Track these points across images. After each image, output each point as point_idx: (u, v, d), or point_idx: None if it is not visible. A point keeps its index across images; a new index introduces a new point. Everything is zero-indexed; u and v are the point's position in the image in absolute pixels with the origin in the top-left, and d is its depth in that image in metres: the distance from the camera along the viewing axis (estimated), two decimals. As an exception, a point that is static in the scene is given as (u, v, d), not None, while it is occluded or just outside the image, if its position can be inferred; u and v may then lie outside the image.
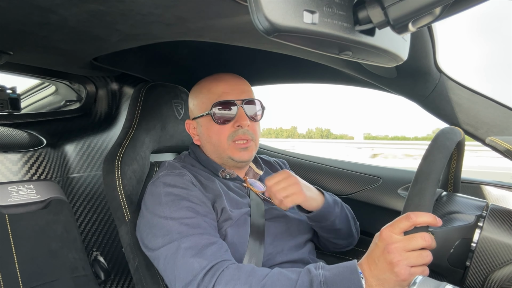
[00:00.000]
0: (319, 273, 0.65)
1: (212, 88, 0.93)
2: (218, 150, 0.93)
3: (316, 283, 0.64)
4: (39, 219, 1.03)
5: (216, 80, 0.94)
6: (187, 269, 0.71)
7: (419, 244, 0.59)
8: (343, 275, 0.63)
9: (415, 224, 0.59)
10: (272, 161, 1.15)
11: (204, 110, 0.93)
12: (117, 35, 0.78)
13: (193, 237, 0.75)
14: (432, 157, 0.63)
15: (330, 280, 0.63)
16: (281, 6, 0.37)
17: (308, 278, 0.65)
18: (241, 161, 0.94)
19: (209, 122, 0.92)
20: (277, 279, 0.67)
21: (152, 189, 0.85)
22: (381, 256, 0.61)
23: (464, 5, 0.39)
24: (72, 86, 1.41)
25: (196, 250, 0.73)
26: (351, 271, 0.63)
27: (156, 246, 0.78)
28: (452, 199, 0.75)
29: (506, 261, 0.62)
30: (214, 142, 0.93)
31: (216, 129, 0.92)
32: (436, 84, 0.90)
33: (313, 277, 0.65)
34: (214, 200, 0.86)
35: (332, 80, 1.23)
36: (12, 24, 0.71)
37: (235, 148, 0.91)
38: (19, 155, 1.11)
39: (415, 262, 0.59)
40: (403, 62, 0.56)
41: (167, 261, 0.75)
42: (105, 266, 1.20)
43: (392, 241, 0.60)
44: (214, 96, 0.91)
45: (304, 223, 0.99)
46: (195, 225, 0.77)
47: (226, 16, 0.63)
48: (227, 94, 0.91)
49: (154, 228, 0.80)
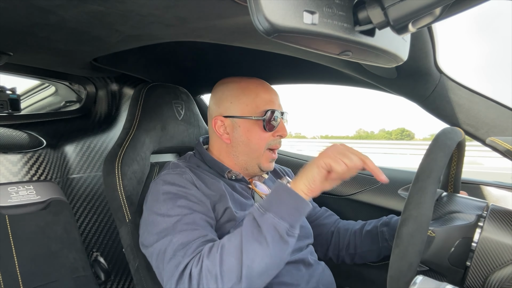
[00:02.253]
0: (255, 205, 0.73)
1: (260, 93, 0.94)
2: (253, 154, 0.94)
3: (256, 212, 0.71)
4: (39, 220, 1.03)
5: (261, 86, 0.95)
6: (174, 262, 0.73)
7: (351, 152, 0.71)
8: (273, 192, 0.73)
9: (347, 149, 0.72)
10: (278, 168, 1.16)
11: (248, 112, 0.92)
12: (117, 36, 0.78)
13: (185, 233, 0.76)
14: (434, 155, 0.63)
15: (265, 202, 0.72)
16: (281, 6, 0.37)
17: (249, 216, 0.72)
18: (267, 171, 0.99)
19: (253, 125, 0.92)
20: (229, 236, 0.73)
21: (153, 187, 0.86)
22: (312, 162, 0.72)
23: (464, 5, 0.39)
24: (72, 87, 1.41)
25: (185, 244, 0.74)
26: (277, 186, 0.73)
27: (151, 243, 0.78)
28: (453, 199, 0.75)
29: (506, 261, 0.62)
30: (253, 146, 0.93)
31: (259, 134, 0.93)
32: (436, 84, 0.90)
33: (252, 211, 0.72)
34: (218, 200, 0.86)
35: (332, 80, 1.23)
36: (12, 25, 0.71)
37: (268, 157, 0.96)
38: (19, 156, 1.10)
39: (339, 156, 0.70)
40: (403, 62, 0.56)
41: (160, 256, 0.76)
42: (105, 266, 1.20)
43: (325, 150, 0.72)
44: (263, 102, 0.93)
45: (306, 228, 0.99)
46: (190, 221, 0.78)
47: (226, 17, 0.63)
48: (273, 103, 0.94)
49: (150, 225, 0.80)
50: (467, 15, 0.74)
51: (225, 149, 0.97)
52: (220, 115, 0.95)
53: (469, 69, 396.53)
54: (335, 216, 1.14)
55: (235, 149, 0.95)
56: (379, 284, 1.20)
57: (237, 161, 0.96)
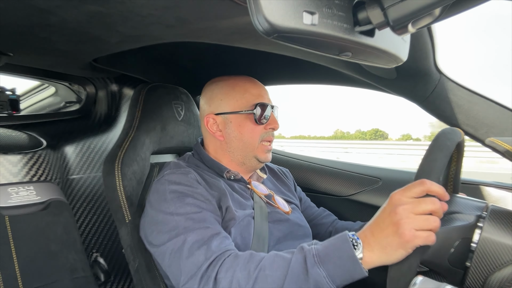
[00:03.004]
0: (311, 248, 0.66)
1: (249, 88, 0.96)
2: (248, 148, 0.95)
3: (309, 257, 0.64)
4: (39, 220, 1.03)
5: (250, 82, 0.97)
6: (193, 261, 0.71)
7: (428, 208, 0.58)
8: (335, 246, 0.64)
9: (428, 190, 0.58)
10: (276, 168, 1.16)
11: (238, 107, 0.94)
12: (117, 37, 0.78)
13: (198, 231, 0.75)
14: (433, 156, 0.63)
15: (322, 253, 0.64)
16: (281, 7, 0.37)
17: (301, 255, 0.66)
18: (265, 162, 0.99)
19: (244, 120, 0.94)
20: (273, 260, 0.68)
21: (157, 187, 0.86)
22: (387, 218, 0.61)
23: (464, 6, 0.39)
24: (71, 88, 1.41)
25: (201, 242, 0.73)
26: (342, 241, 0.64)
27: (162, 242, 0.78)
28: (452, 200, 0.75)
29: (506, 262, 0.62)
30: (246, 140, 0.95)
31: (251, 127, 0.94)
32: (436, 85, 0.90)
33: (306, 253, 0.65)
34: (219, 199, 0.86)
35: (332, 81, 1.23)
36: (12, 25, 0.71)
37: (263, 149, 0.96)
38: (19, 157, 1.10)
39: (421, 225, 0.57)
40: (403, 63, 0.56)
41: (173, 255, 0.75)
42: (105, 267, 1.20)
43: (401, 203, 0.59)
44: (252, 96, 0.94)
45: (305, 228, 0.99)
46: (200, 219, 0.77)
47: (226, 17, 0.63)
48: (263, 97, 0.96)
49: (159, 225, 0.80)
50: (466, 15, 0.74)
51: (221, 147, 0.98)
52: (211, 113, 0.97)
53: (469, 69, 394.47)
54: (333, 216, 1.14)
55: (230, 145, 0.96)
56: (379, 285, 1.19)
57: (233, 158, 0.97)
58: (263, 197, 0.97)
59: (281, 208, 0.97)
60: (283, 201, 1.02)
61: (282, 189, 1.09)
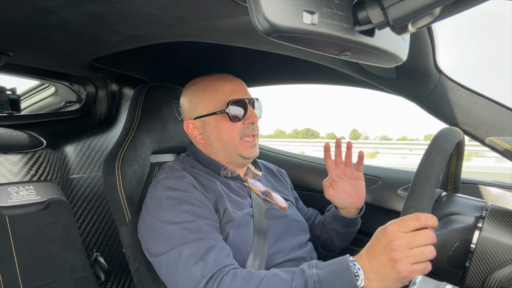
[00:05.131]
0: (313, 273, 0.65)
1: (220, 87, 0.94)
2: (229, 147, 0.95)
3: (310, 283, 0.64)
4: (39, 220, 1.03)
5: (221, 80, 0.96)
6: (189, 277, 0.71)
7: (423, 242, 0.59)
8: (337, 273, 0.64)
9: (425, 226, 0.59)
10: (275, 168, 1.16)
11: (213, 108, 0.94)
12: (117, 36, 0.78)
13: (194, 243, 0.75)
14: (431, 159, 0.63)
15: (324, 280, 0.64)
16: (281, 6, 0.37)
17: (302, 279, 0.65)
18: (250, 158, 0.97)
19: (220, 120, 0.93)
20: (273, 282, 0.67)
21: (153, 192, 0.85)
22: (383, 252, 0.61)
23: (464, 5, 0.39)
24: (72, 87, 1.41)
25: (197, 257, 0.73)
26: (344, 269, 0.64)
27: (158, 252, 0.78)
28: (452, 200, 0.75)
29: (505, 261, 0.62)
30: (225, 139, 0.94)
31: (228, 126, 0.93)
32: (435, 84, 0.90)
33: (307, 278, 0.65)
34: (216, 202, 0.86)
35: (332, 81, 1.23)
36: (12, 25, 0.71)
37: (245, 145, 0.95)
38: (19, 156, 1.11)
39: (418, 259, 0.59)
40: (403, 62, 0.56)
41: (169, 268, 0.75)
42: (105, 267, 1.20)
43: (396, 238, 0.60)
44: (225, 95, 0.93)
45: (302, 223, 1.00)
46: (196, 229, 0.77)
47: (226, 17, 0.63)
48: (236, 93, 0.94)
49: (155, 233, 0.80)
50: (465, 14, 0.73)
51: (205, 149, 0.98)
52: (190, 118, 0.98)
53: (468, 69, 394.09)
54: (319, 215, 1.16)
55: (212, 146, 0.96)
56: None
57: (218, 158, 0.97)
58: (260, 194, 0.97)
59: (278, 204, 0.97)
60: (280, 197, 1.02)
61: (277, 186, 1.10)
